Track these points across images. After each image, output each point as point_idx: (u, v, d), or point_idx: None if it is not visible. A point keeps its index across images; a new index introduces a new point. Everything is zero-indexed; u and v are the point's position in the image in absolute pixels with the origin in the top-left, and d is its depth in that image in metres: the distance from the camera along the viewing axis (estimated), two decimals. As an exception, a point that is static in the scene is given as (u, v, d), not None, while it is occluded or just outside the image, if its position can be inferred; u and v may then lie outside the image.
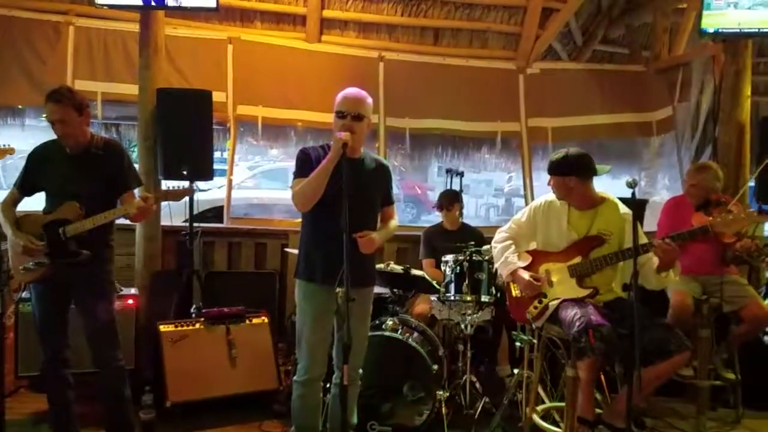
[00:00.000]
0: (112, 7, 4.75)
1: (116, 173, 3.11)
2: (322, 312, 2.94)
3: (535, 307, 3.22)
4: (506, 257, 3.34)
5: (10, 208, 3.18)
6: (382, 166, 3.15)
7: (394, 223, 3.19)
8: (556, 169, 3.22)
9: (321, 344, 2.98)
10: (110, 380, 3.17)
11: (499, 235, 3.47)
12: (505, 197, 15.91)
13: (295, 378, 3.05)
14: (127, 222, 3.29)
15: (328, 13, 5.87)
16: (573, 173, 3.16)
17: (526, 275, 3.25)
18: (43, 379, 3.18)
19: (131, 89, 5.03)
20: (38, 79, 5.26)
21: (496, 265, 3.47)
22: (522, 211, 3.51)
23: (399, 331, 3.69)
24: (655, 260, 3.02)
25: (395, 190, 3.28)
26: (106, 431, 3.23)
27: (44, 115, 5.13)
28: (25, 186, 3.19)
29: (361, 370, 3.14)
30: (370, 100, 3.00)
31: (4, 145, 3.60)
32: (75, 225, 3.00)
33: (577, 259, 3.19)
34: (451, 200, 4.72)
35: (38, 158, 3.16)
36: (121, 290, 4.12)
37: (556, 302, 3.16)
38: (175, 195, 3.11)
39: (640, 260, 2.82)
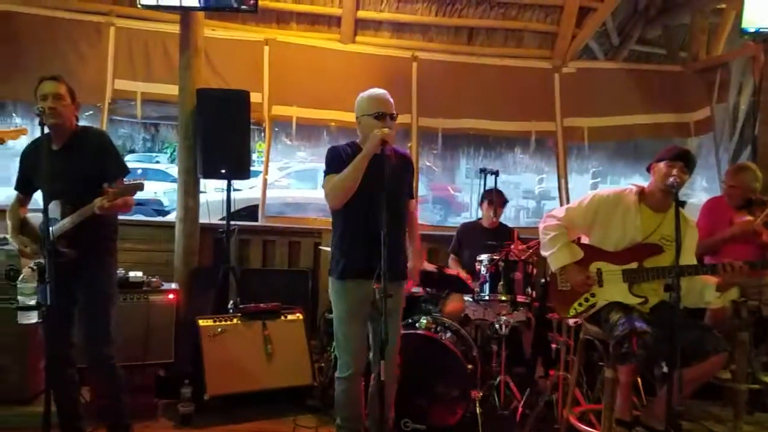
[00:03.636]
0: (154, 8, 4.80)
1: (93, 164, 3.00)
2: (357, 308, 2.98)
3: (581, 305, 3.15)
4: (560, 248, 3.18)
5: (15, 210, 3.22)
6: (404, 159, 3.20)
7: (417, 225, 3.30)
8: (686, 159, 3.04)
9: (358, 340, 3.03)
10: (101, 378, 3.13)
11: (550, 221, 3.26)
12: (535, 199, 15.80)
13: (337, 375, 3.07)
14: (167, 219, 3.18)
15: (362, 14, 5.90)
16: (691, 172, 3.07)
17: (580, 273, 3.15)
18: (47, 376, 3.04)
19: (171, 89, 5.12)
20: (79, 78, 5.34)
21: (545, 254, 3.28)
22: (581, 198, 3.28)
23: (433, 330, 3.71)
24: (706, 279, 2.99)
25: (424, 191, 3.30)
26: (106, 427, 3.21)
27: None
28: (21, 186, 3.19)
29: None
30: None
31: (17, 125, 3.50)
32: (59, 224, 2.94)
33: (633, 265, 3.08)
34: (497, 196, 4.59)
35: (28, 156, 3.16)
36: (162, 285, 4.13)
37: (603, 303, 3.10)
38: (127, 190, 2.88)
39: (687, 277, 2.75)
